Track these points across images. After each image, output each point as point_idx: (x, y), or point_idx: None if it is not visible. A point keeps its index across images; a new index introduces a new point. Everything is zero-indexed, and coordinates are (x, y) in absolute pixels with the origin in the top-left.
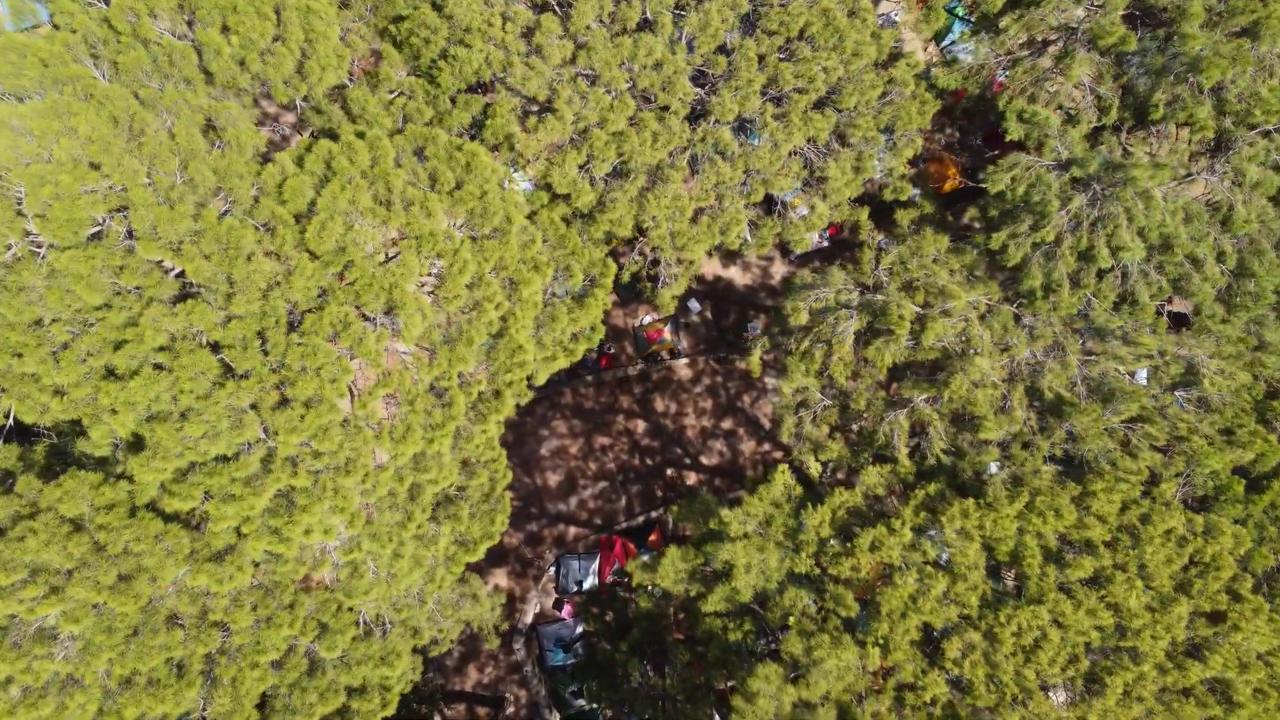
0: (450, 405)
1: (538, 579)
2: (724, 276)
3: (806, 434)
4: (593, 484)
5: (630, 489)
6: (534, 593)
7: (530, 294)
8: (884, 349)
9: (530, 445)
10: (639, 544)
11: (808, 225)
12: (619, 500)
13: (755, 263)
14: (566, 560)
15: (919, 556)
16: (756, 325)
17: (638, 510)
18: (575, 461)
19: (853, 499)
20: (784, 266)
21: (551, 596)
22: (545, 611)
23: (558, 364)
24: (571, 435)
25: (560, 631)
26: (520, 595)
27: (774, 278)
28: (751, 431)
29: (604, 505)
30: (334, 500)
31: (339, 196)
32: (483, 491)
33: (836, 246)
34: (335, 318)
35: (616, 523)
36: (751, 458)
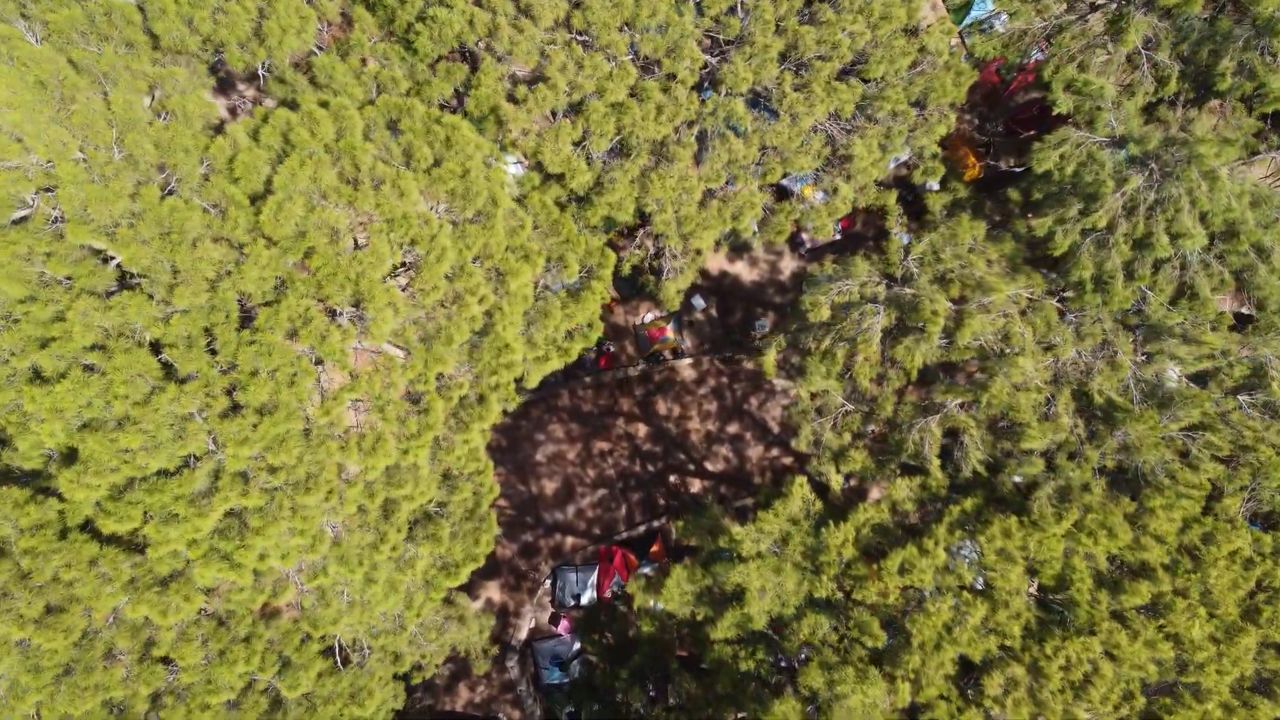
0: (427, 412)
1: (533, 593)
2: (730, 272)
3: (826, 442)
4: (591, 492)
5: (631, 497)
6: (529, 607)
7: (519, 286)
8: (914, 348)
9: (525, 450)
10: (640, 555)
11: (829, 210)
12: (619, 509)
13: (763, 257)
14: (563, 573)
15: (954, 580)
16: (764, 323)
17: (639, 519)
18: (573, 468)
19: (879, 515)
20: (794, 261)
21: (547, 611)
22: (540, 627)
23: (551, 365)
24: (569, 440)
25: (556, 648)
26: (514, 610)
27: (783, 273)
28: (759, 436)
29: (603, 514)
30: (293, 521)
31: (298, 173)
32: (466, 508)
33: (849, 240)
34: (294, 312)
35: (616, 533)
36: (759, 464)
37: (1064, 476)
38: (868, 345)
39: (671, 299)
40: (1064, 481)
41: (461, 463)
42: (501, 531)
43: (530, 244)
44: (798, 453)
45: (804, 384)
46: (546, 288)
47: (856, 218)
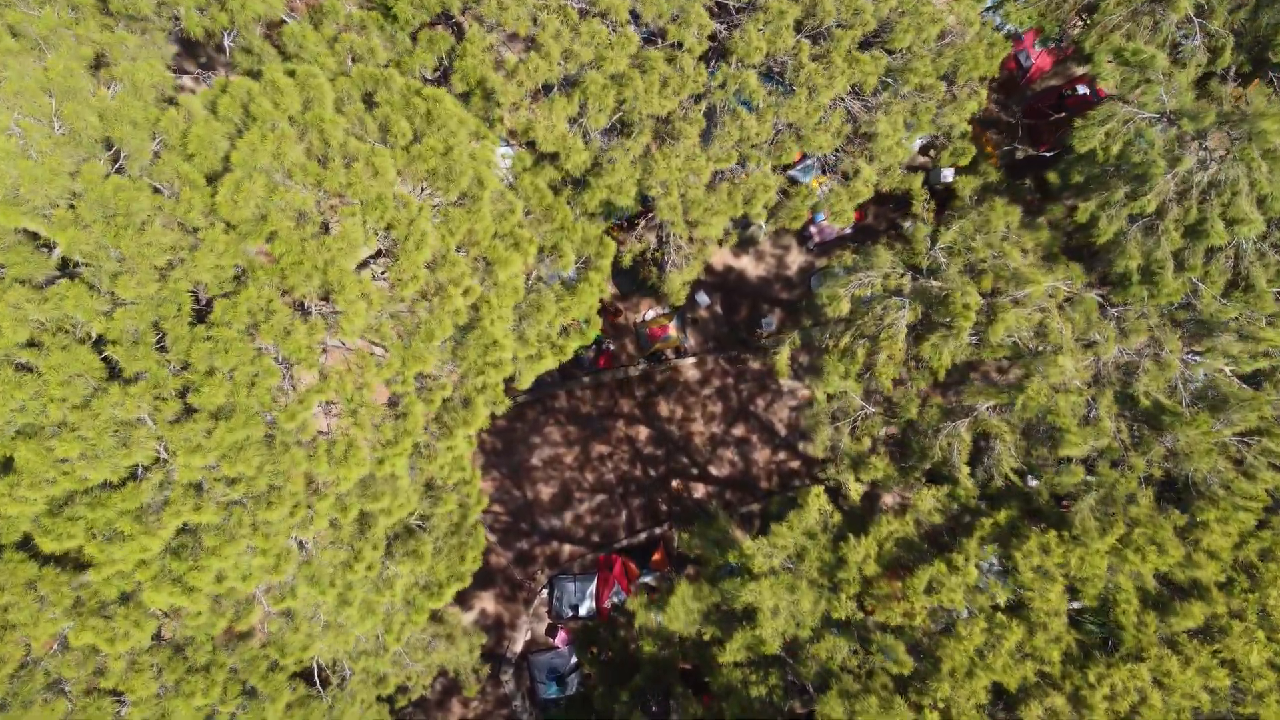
0: (406, 416)
1: (529, 603)
2: (735, 267)
3: (845, 449)
4: (590, 497)
5: (631, 502)
6: (524, 618)
7: (508, 277)
8: (942, 346)
9: (520, 454)
10: (641, 564)
11: (850, 194)
12: (619, 515)
13: (770, 251)
14: (561, 582)
15: (987, 600)
16: (771, 320)
17: (640, 526)
18: (570, 472)
19: (903, 528)
20: (801, 256)
21: (544, 622)
22: (537, 639)
23: (545, 364)
24: (566, 443)
25: (553, 661)
26: (509, 621)
27: (790, 268)
28: (766, 439)
29: (602, 520)
30: (253, 539)
31: (259, 148)
32: (451, 522)
33: (860, 233)
34: (254, 304)
35: (616, 540)
36: (766, 468)
37: (1107, 486)
38: (892, 342)
39: (677, 292)
40: (1107, 492)
41: (445, 472)
42: (496, 539)
43: (521, 230)
44: (806, 456)
45: (820, 385)
46: (540, 279)
47: (868, 210)
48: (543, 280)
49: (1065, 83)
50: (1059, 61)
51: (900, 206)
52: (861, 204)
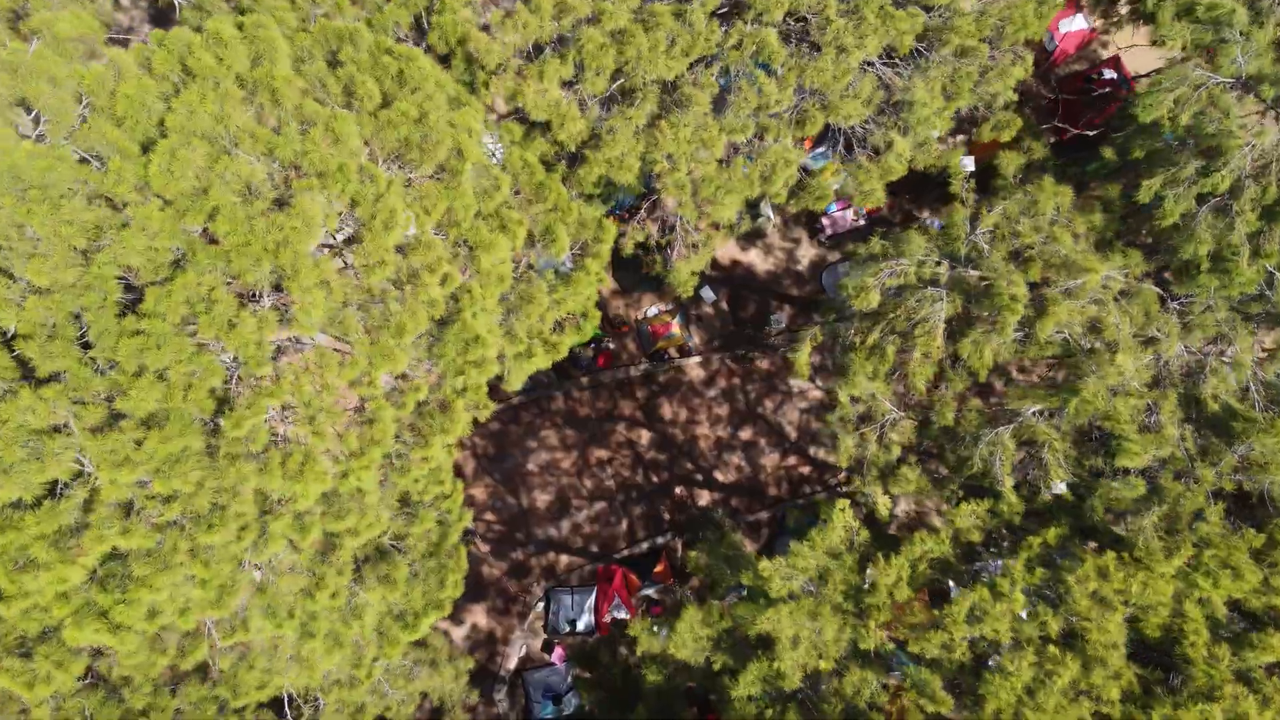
0: (373, 423)
1: (523, 617)
2: (742, 261)
3: (872, 458)
4: (588, 504)
5: (632, 510)
6: (519, 633)
7: (493, 263)
8: (983, 342)
9: (514, 459)
10: (643, 575)
11: (882, 170)
12: (619, 524)
13: (779, 244)
14: (557, 595)
15: (1035, 629)
16: (780, 317)
17: (641, 535)
18: (568, 478)
19: (939, 547)
20: (812, 249)
21: (540, 638)
22: (532, 655)
23: (536, 362)
24: (563, 447)
25: (550, 679)
26: (503, 637)
27: (801, 262)
28: (774, 442)
29: (601, 529)
30: (191, 566)
31: (198, 110)
32: (429, 542)
33: (875, 224)
34: (193, 293)
35: (616, 550)
36: (774, 473)
37: (1171, 501)
38: (929, 338)
39: (685, 283)
40: (1171, 508)
41: (421, 486)
42: (489, 549)
43: (508, 211)
44: (818, 461)
45: (844, 386)
46: (530, 268)
47: None
48: (533, 269)
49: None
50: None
51: (916, 196)
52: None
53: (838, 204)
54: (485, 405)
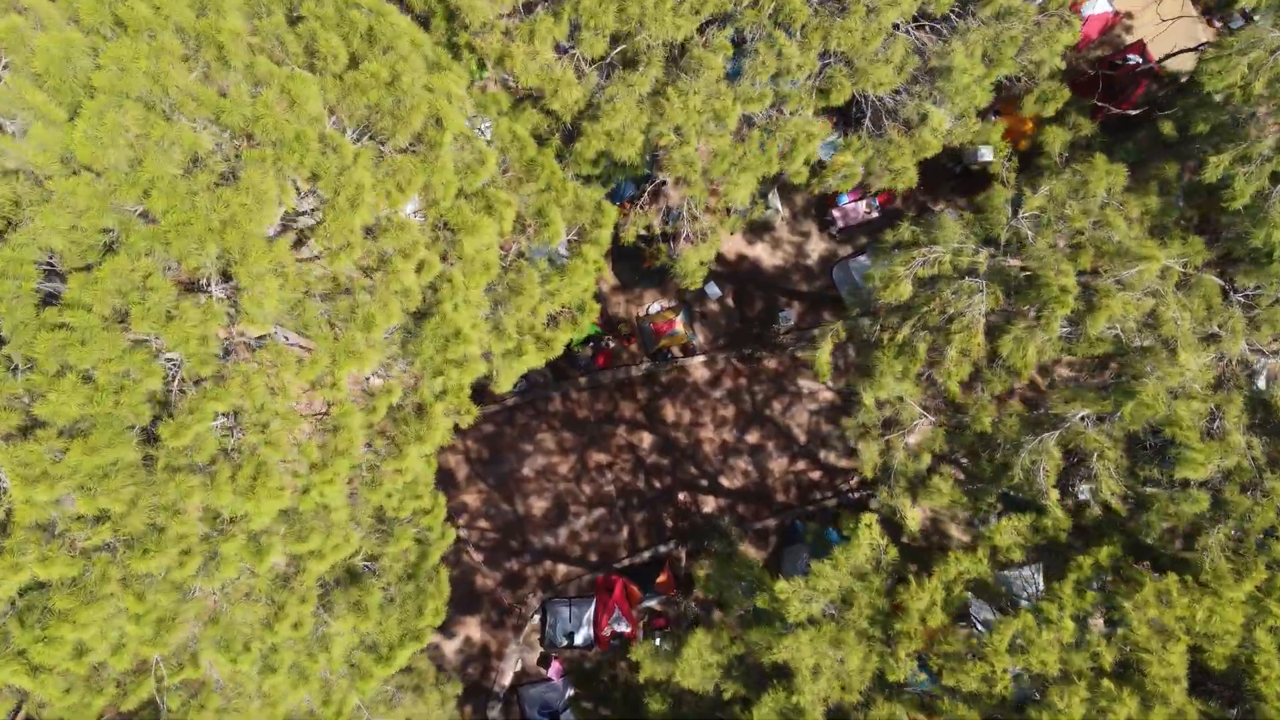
0: (338, 430)
1: (519, 630)
2: (749, 255)
3: (899, 467)
4: (587, 511)
5: (633, 517)
6: (514, 646)
7: (478, 249)
8: (1026, 339)
9: (509, 463)
10: (644, 586)
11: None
12: (619, 531)
13: (787, 238)
14: (554, 606)
15: (1087, 661)
16: (789, 314)
17: (642, 544)
18: (566, 483)
19: (976, 567)
20: (822, 243)
21: (536, 651)
22: (528, 669)
23: (527, 361)
24: (561, 451)
25: (546, 695)
26: (497, 650)
27: (810, 257)
28: (783, 446)
29: (601, 537)
30: (124, 598)
31: (130, 68)
32: (406, 564)
33: (888, 217)
34: (125, 280)
35: (616, 560)
36: (783, 478)
37: (1238, 518)
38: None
39: (693, 273)
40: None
41: (395, 502)
42: (482, 559)
43: (495, 190)
44: (828, 466)
45: (869, 388)
46: (521, 255)
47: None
48: (525, 256)
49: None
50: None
51: (930, 188)
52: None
53: (849, 195)
54: (468, 410)
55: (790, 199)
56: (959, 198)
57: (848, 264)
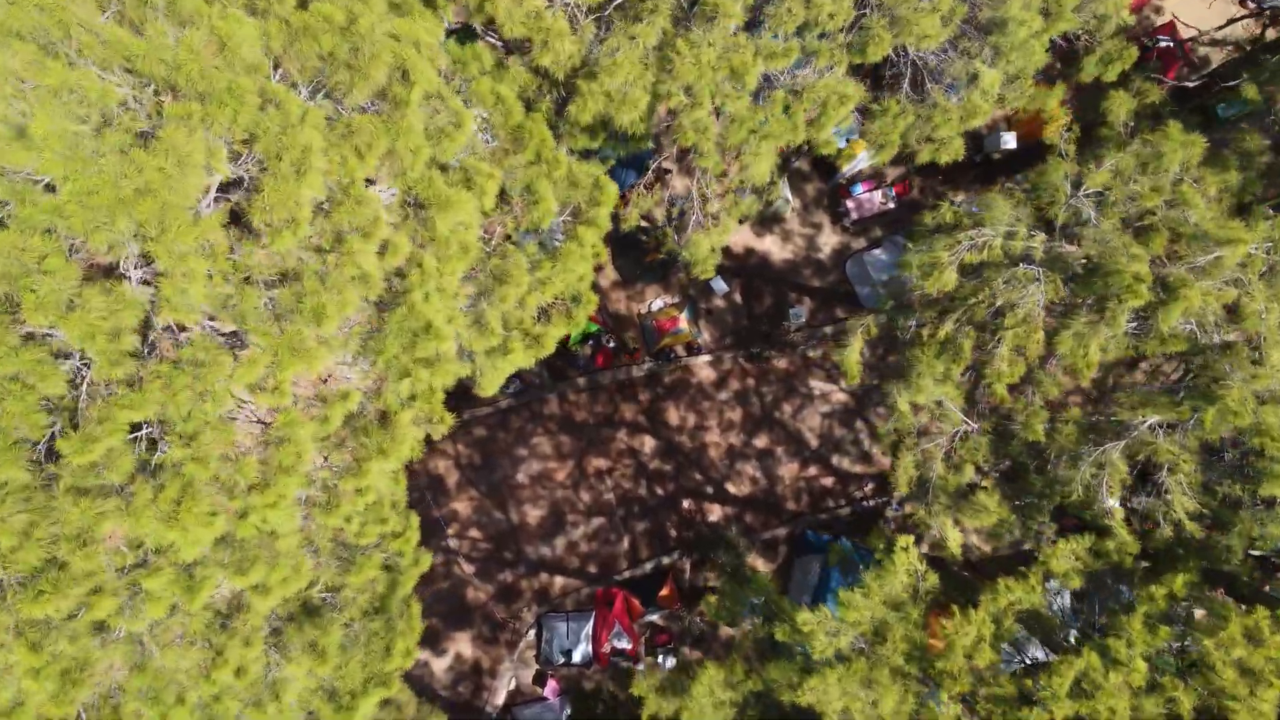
0: (283, 443)
1: (513, 646)
2: (757, 249)
3: (938, 481)
4: (585, 520)
5: (634, 527)
6: (508, 664)
7: (453, 229)
8: (1089, 335)
9: (503, 469)
10: (646, 600)
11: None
12: (620, 542)
13: (798, 230)
14: (551, 621)
15: (1160, 706)
16: (800, 311)
17: (644, 555)
18: (563, 490)
19: (1028, 596)
20: (835, 235)
21: (531, 669)
22: (522, 688)
23: (514, 360)
24: (558, 455)
25: (543, 715)
26: (490, 668)
27: (822, 250)
28: (793, 451)
29: (600, 548)
30: (15, 649)
31: (21, 1)
32: (372, 595)
33: (905, 209)
34: (14, 263)
35: (617, 571)
36: (793, 485)
37: None
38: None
39: (704, 260)
40: None
41: (356, 526)
42: (474, 570)
43: (474, 160)
44: (841, 471)
45: (906, 391)
46: (508, 238)
47: (913, 182)
48: (511, 240)
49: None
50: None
51: (950, 177)
52: (906, 175)
53: (863, 185)
54: (441, 418)
55: (801, 189)
56: (981, 186)
57: (862, 258)
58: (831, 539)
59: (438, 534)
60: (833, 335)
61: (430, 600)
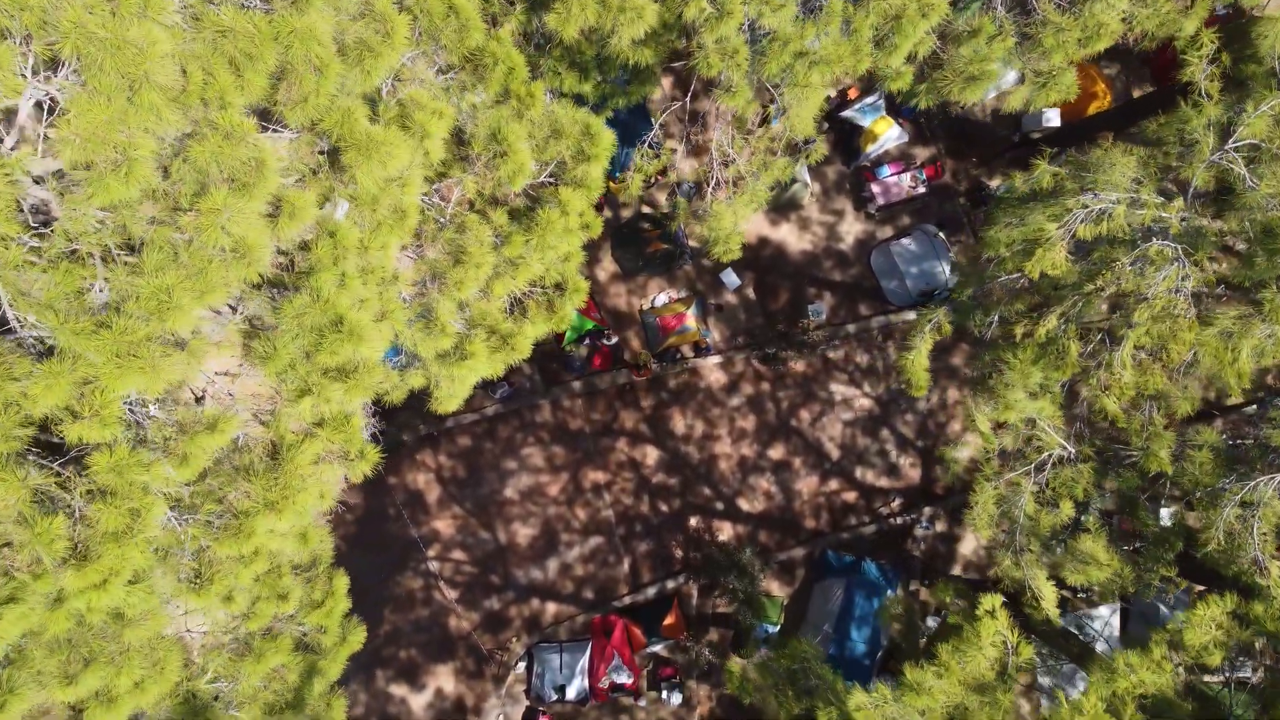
0: (109, 496)
1: (500, 681)
2: (772, 238)
3: (1025, 522)
4: (581, 540)
5: (636, 547)
6: (495, 701)
7: (380, 183)
8: (1241, 336)
9: (490, 483)
10: (649, 630)
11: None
12: (619, 564)
13: (816, 218)
14: (542, 653)
15: None
16: (821, 308)
17: (647, 579)
18: (556, 507)
19: (1154, 676)
20: (859, 224)
21: (520, 705)
22: None
23: (474, 367)
24: (551, 468)
25: None
26: (474, 705)
27: (844, 239)
28: (812, 463)
29: (597, 571)
30: None
31: None
32: (282, 688)
33: (937, 195)
34: None
35: (616, 597)
36: (812, 501)
37: None
38: (1174, 327)
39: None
40: None
41: (243, 604)
42: (457, 596)
43: (413, 90)
44: (864, 486)
45: (990, 406)
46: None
47: (944, 164)
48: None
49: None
50: None
51: (985, 158)
52: (936, 156)
53: (890, 167)
54: (362, 451)
55: (820, 172)
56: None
57: (889, 248)
58: (855, 560)
59: (416, 556)
60: (855, 335)
61: (408, 630)
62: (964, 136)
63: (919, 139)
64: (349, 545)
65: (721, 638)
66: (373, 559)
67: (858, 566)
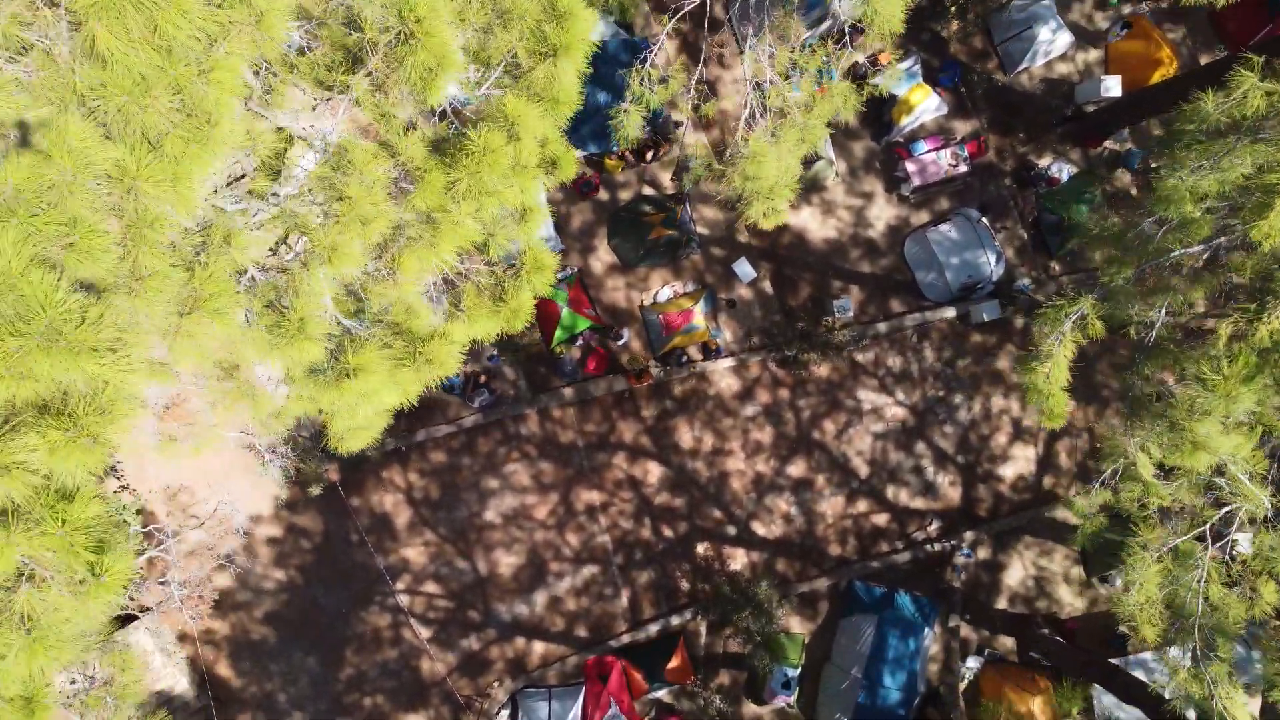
0: None
1: None
2: (791, 224)
3: (1213, 616)
4: (573, 570)
5: (635, 578)
6: None
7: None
8: None
9: (468, 505)
10: (650, 673)
11: None
12: (617, 597)
13: (841, 201)
14: (529, 700)
15: None
16: (847, 303)
17: (648, 615)
18: (544, 532)
19: None
20: (890, 207)
21: None
22: None
23: (365, 396)
24: (538, 488)
25: None
26: None
27: (874, 226)
28: (837, 481)
29: (592, 606)
30: None
31: None
32: None
33: (980, 175)
34: None
35: (613, 635)
36: (837, 525)
37: None
38: None
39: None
40: None
41: None
42: (430, 634)
43: None
44: (895, 507)
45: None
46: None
47: (988, 141)
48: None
49: None
50: None
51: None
52: (978, 132)
53: (927, 142)
54: (109, 580)
55: (847, 148)
56: (1071, 146)
57: (925, 235)
58: (886, 592)
59: (383, 589)
60: (886, 334)
61: (374, 674)
62: (1010, 108)
63: (959, 111)
64: (305, 577)
65: (734, 682)
66: (333, 593)
67: (890, 600)
